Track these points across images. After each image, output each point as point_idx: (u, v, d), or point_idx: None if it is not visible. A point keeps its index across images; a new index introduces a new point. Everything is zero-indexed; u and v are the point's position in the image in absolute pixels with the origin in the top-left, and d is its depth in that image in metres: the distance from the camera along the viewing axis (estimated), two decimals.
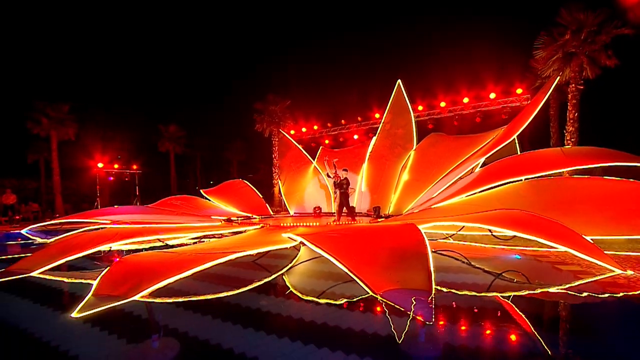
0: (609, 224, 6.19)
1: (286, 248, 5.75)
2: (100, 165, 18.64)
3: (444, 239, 7.75)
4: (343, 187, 10.48)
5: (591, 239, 4.91)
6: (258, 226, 9.54)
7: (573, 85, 11.84)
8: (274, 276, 5.54)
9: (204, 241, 8.37)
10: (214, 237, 8.92)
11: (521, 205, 7.27)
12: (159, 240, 7.86)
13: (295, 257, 6.79)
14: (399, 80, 14.33)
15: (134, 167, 21.06)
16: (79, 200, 24.81)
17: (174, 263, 4.60)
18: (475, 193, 7.99)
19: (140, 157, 25.80)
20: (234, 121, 28.13)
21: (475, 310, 3.99)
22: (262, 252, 5.49)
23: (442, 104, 16.73)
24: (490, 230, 6.04)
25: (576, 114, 11.97)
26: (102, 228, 8.92)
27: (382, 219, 11.73)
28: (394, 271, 3.89)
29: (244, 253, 4.86)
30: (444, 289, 4.51)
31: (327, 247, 4.32)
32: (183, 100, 33.96)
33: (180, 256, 4.92)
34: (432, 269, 3.78)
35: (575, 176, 7.86)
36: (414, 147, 13.49)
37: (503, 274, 5.14)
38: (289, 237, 5.15)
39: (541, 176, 7.72)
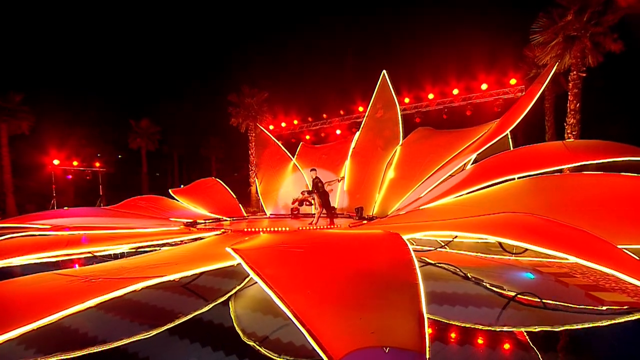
0: (634, 230, 5.07)
1: (232, 265, 4.37)
2: (56, 162, 16.68)
3: (440, 247, 6.48)
4: (319, 188, 9.23)
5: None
6: (218, 232, 8.12)
7: (574, 72, 10.81)
8: (210, 306, 4.15)
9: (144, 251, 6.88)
10: (165, 246, 7.47)
11: (521, 206, 6.38)
12: (90, 252, 6.38)
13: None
14: (384, 71, 13.47)
15: (97, 164, 19.09)
16: (43, 200, 22.71)
17: (53, 295, 3.17)
18: (468, 193, 7.05)
19: (109, 154, 23.81)
20: (211, 116, 26.35)
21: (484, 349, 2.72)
22: (193, 274, 4.08)
23: (430, 96, 15.62)
24: (500, 244, 4.79)
25: (578, 105, 10.96)
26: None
27: (365, 221, 10.56)
28: (368, 313, 2.57)
29: (163, 279, 3.46)
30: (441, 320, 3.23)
31: (271, 272, 2.98)
32: (156, 93, 31.59)
33: (72, 283, 3.49)
34: (424, 310, 2.48)
35: (585, 172, 6.77)
36: (400, 143, 12.55)
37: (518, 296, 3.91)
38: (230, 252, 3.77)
39: (541, 173, 6.76)
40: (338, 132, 18.60)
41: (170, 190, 14.62)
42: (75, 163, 18.31)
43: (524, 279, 4.82)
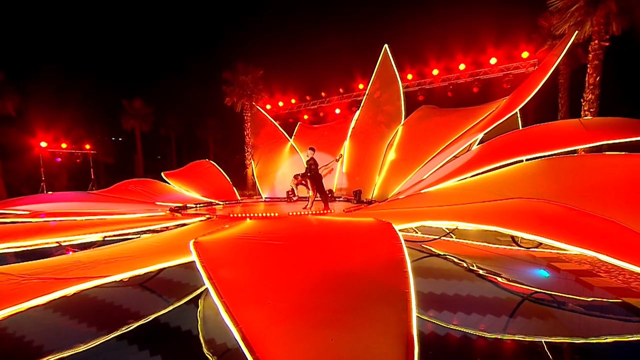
0: None
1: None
2: (43, 144, 16.04)
3: (444, 236, 5.88)
4: (312, 170, 8.55)
5: None
6: (202, 218, 7.57)
7: (596, 41, 9.75)
8: (174, 306, 3.62)
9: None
10: (146, 233, 6.95)
11: (532, 191, 5.51)
12: (57, 242, 5.84)
13: None
14: (386, 46, 12.60)
15: (87, 146, 18.43)
16: (37, 184, 22.27)
17: None
18: (473, 175, 6.48)
19: (101, 136, 23.09)
20: (209, 96, 25.22)
21: None
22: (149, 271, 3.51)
23: (435, 72, 14.63)
24: (513, 238, 4.14)
25: (598, 78, 9.95)
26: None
27: (364, 205, 10.03)
28: (341, 332, 1.99)
29: (108, 279, 2.91)
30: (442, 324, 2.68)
31: (228, 274, 2.41)
32: (149, 72, 30.17)
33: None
34: (414, 330, 1.90)
35: (605, 153, 6.05)
36: (402, 122, 11.62)
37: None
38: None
39: (554, 154, 6.10)
40: (337, 111, 17.75)
41: (162, 174, 14.13)
42: (64, 145, 17.65)
43: (538, 277, 4.18)
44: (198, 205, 12.01)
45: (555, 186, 5.75)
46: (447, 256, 5.10)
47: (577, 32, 8.37)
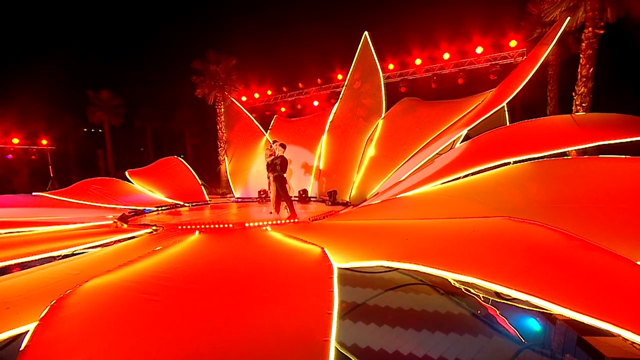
0: None
1: None
2: None
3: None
4: (277, 169, 7.55)
5: None
6: (148, 230, 6.55)
7: (590, 29, 8.95)
8: None
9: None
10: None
11: (520, 200, 4.92)
12: None
13: None
14: (366, 33, 11.86)
15: (43, 142, 16.86)
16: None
17: None
18: (454, 179, 5.77)
19: (71, 129, 21.45)
20: (184, 87, 23.64)
21: None
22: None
23: (418, 62, 13.76)
24: (498, 294, 3.22)
25: (591, 70, 9.19)
26: None
27: (340, 206, 9.26)
28: None
29: None
30: None
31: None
32: (122, 62, 28.20)
33: None
34: None
35: (602, 156, 5.31)
36: (383, 115, 10.93)
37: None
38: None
39: (544, 156, 5.43)
40: (316, 103, 16.77)
41: (126, 172, 12.99)
42: (15, 140, 16.04)
43: (526, 330, 3.20)
44: (160, 208, 10.99)
45: (546, 194, 5.02)
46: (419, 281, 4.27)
47: (569, 18, 7.64)
